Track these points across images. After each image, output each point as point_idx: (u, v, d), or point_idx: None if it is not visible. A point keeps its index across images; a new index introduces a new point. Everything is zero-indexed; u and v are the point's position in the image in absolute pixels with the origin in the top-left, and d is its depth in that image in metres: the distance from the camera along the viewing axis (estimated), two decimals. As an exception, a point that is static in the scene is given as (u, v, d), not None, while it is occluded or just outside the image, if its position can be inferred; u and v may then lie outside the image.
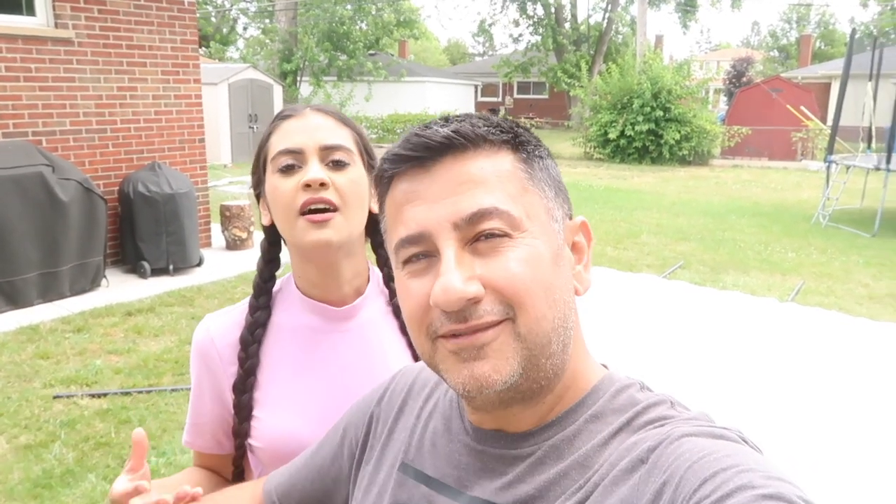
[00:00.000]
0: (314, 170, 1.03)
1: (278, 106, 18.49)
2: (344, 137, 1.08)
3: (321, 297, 1.14)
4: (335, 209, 1.04)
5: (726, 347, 5.50)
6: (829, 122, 18.97)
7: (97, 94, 6.17)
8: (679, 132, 18.10)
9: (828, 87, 26.55)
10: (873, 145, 11.90)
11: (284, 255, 1.16)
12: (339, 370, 1.13)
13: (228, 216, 7.37)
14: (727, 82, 34.35)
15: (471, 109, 31.18)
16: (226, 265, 6.70)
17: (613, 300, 6.76)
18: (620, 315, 6.37)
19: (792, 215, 11.22)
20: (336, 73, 25.02)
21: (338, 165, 1.06)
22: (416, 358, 1.16)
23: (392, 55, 29.86)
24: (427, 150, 0.66)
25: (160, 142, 6.69)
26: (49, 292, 5.53)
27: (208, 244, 7.30)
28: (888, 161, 9.72)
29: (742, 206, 12.16)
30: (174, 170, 6.56)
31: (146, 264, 6.22)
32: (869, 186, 11.61)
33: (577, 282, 0.70)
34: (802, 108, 17.58)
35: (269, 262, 1.16)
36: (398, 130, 23.40)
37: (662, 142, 18.26)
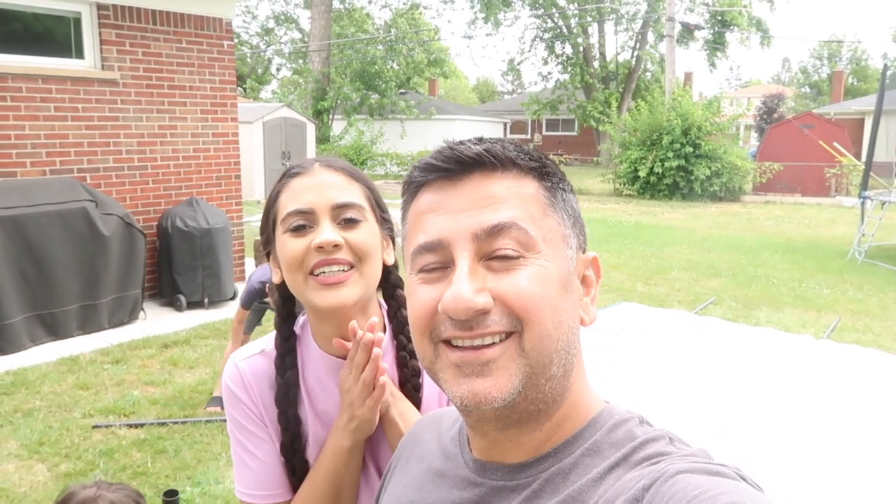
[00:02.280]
0: (327, 231, 1.02)
1: (311, 143, 18.85)
2: (355, 193, 1.07)
3: (339, 354, 1.12)
4: (351, 267, 1.04)
5: (762, 383, 5.38)
6: (863, 157, 18.75)
7: (139, 132, 6.39)
8: (709, 168, 18.02)
9: (861, 122, 26.29)
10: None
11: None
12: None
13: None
14: (758, 118, 34.22)
15: (500, 146, 31.33)
16: (259, 299, 6.81)
17: (645, 335, 6.66)
18: (653, 350, 6.28)
19: (826, 251, 11.06)
20: (367, 111, 25.50)
21: (350, 223, 1.04)
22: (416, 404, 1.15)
23: (422, 93, 30.37)
24: (458, 163, 0.69)
25: (198, 178, 6.89)
26: (89, 324, 5.67)
27: (242, 278, 7.41)
28: (925, 196, 9.57)
29: (775, 241, 12.02)
30: (211, 205, 6.73)
31: (182, 297, 6.35)
32: (906, 222, 11.44)
33: (583, 312, 0.72)
34: (835, 143, 17.41)
35: (286, 318, 1.14)
36: (428, 167, 23.68)
37: (693, 178, 18.18)
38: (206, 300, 6.42)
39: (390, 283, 1.16)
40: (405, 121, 25.99)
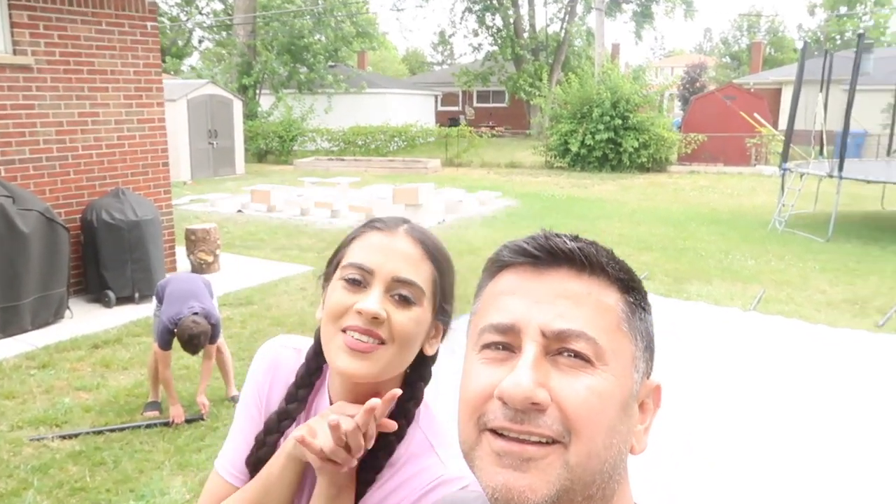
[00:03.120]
0: (373, 300, 0.98)
1: (238, 120, 18.30)
2: (422, 274, 1.02)
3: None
4: (382, 343, 0.99)
5: (695, 358, 5.59)
6: (781, 127, 19.52)
7: (57, 120, 6.05)
8: (637, 140, 18.43)
9: (778, 92, 27.30)
10: (825, 151, 12.30)
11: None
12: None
13: (194, 240, 7.28)
14: (681, 88, 35.12)
15: (431, 120, 31.26)
16: (193, 290, 6.61)
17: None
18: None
19: (749, 221, 11.51)
20: (296, 85, 24.87)
21: (402, 302, 0.99)
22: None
23: (351, 66, 29.81)
24: (549, 254, 0.68)
25: (123, 167, 6.58)
26: (10, 326, 5.39)
27: (174, 268, 7.19)
28: (840, 168, 10.05)
29: (701, 212, 12.43)
30: (138, 195, 6.46)
31: (111, 293, 6.11)
32: (821, 190, 11.99)
33: (635, 439, 0.69)
34: (756, 115, 18.05)
35: (319, 353, 1.09)
36: (360, 142, 23.30)
37: (621, 150, 18.57)
38: (136, 295, 6.19)
39: (417, 373, 1.09)
40: (335, 95, 25.49)
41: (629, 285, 0.70)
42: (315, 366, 1.10)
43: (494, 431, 0.64)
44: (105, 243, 6.04)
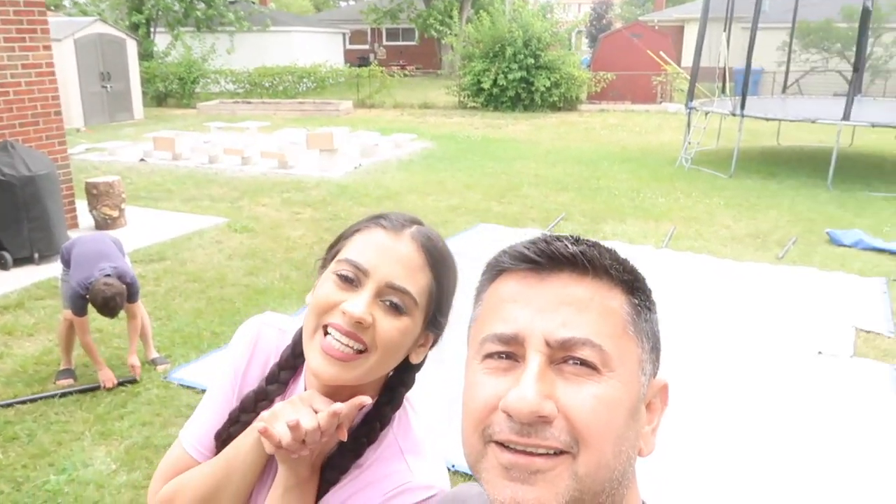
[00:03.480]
0: (360, 303, 0.92)
1: (134, 62, 17.16)
2: (418, 284, 0.96)
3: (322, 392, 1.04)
4: (364, 350, 0.94)
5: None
6: (683, 64, 20.05)
7: (-72, 67, 5.48)
8: (549, 79, 18.53)
9: (681, 29, 27.92)
10: (727, 89, 12.74)
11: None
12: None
13: (96, 194, 6.85)
14: (589, 25, 35.41)
15: (340, 59, 30.35)
16: (99, 248, 6.25)
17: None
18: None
19: (657, 159, 11.87)
20: (194, 23, 23.48)
21: (392, 309, 0.94)
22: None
23: (253, 3, 28.39)
24: (550, 259, 0.66)
25: (9, 117, 6.05)
26: None
27: (75, 225, 6.78)
28: (742, 107, 10.44)
29: (611, 151, 12.71)
30: (29, 148, 5.98)
31: (6, 255, 5.70)
32: (724, 127, 12.48)
33: (643, 442, 0.68)
34: (661, 53, 18.44)
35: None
36: (266, 84, 22.38)
37: (534, 89, 18.65)
38: (35, 255, 5.80)
39: (399, 378, 1.04)
40: (237, 34, 24.24)
41: (633, 286, 0.69)
42: (301, 350, 1.04)
43: (500, 444, 0.63)
44: (-4, 201, 5.60)
